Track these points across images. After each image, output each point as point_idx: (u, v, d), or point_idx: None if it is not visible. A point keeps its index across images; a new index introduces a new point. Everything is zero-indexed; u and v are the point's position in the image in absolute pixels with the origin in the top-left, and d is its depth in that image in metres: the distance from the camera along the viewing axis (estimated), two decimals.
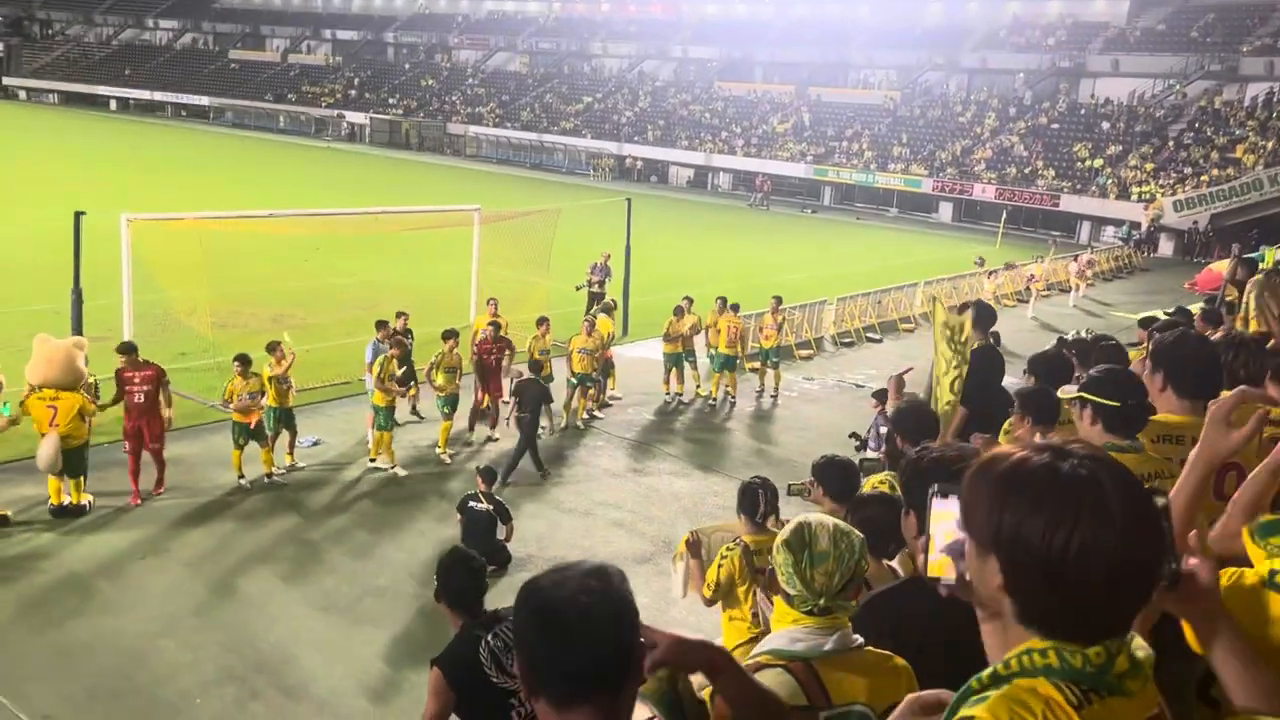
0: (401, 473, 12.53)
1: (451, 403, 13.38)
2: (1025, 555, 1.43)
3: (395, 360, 12.64)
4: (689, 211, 45.46)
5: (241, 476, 11.94)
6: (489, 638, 4.65)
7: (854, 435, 11.62)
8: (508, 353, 14.63)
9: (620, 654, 1.82)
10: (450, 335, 13.52)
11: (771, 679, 2.45)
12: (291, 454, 12.55)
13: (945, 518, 2.06)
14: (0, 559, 9.68)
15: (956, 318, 6.81)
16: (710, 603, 5.69)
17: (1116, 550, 1.39)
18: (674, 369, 16.79)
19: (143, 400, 11.17)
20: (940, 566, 2.07)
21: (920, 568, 2.14)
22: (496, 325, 14.66)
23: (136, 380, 11.18)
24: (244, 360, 11.99)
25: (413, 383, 13.66)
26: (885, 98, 58.38)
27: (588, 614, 1.77)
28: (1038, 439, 1.57)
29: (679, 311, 16.77)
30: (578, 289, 20.45)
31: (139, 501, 11.10)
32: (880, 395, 12.89)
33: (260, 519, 11.05)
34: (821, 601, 2.51)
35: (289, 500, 11.61)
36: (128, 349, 11.45)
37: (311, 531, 10.84)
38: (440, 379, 13.21)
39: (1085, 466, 1.44)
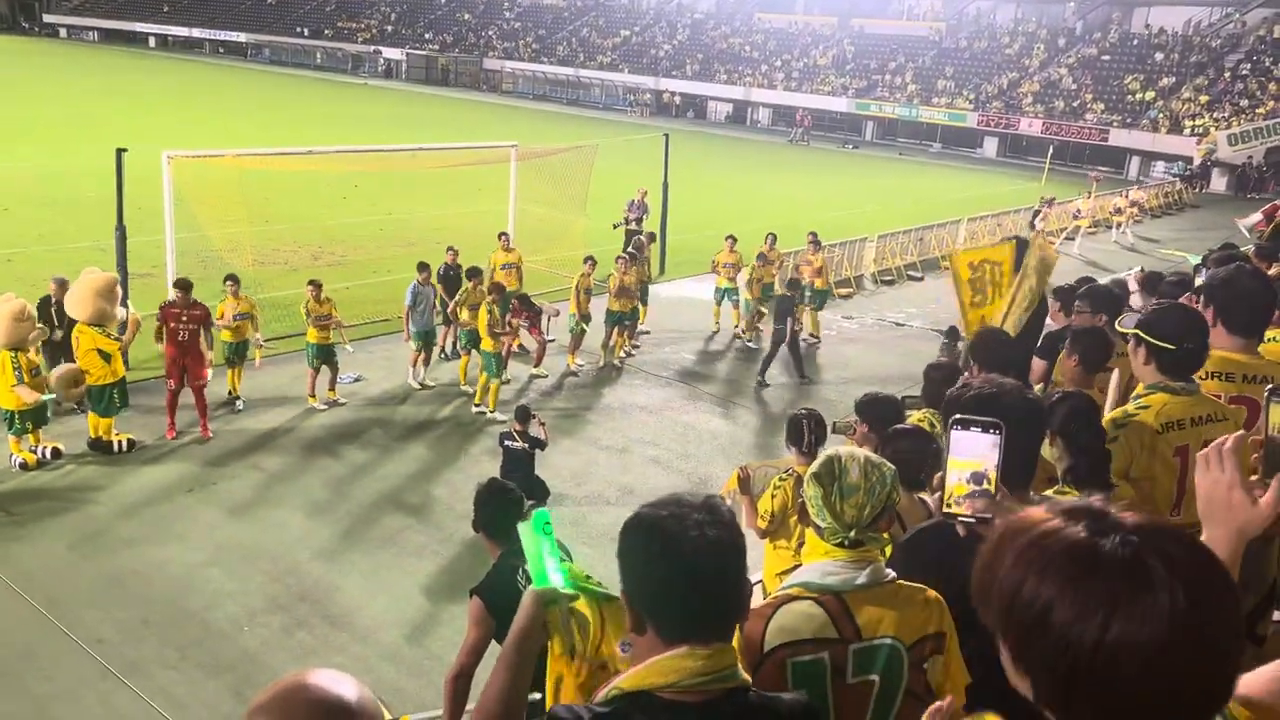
0: (501, 417, 12.59)
1: (472, 338, 13.46)
2: (1045, 650, 1.22)
3: (498, 306, 12.69)
4: (727, 147, 44.88)
5: (237, 397, 12.29)
6: (526, 569, 4.72)
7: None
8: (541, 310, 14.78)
9: (734, 590, 1.92)
10: (474, 273, 13.64)
11: (802, 611, 2.45)
12: (333, 390, 12.72)
13: (965, 450, 2.04)
14: (53, 490, 9.96)
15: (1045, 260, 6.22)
16: (764, 534, 5.76)
17: (1164, 648, 1.16)
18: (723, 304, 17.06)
19: (186, 338, 11.29)
20: (958, 502, 2.05)
21: (936, 504, 2.12)
22: (526, 298, 14.68)
23: (184, 318, 11.30)
24: (234, 280, 12.36)
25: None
26: (930, 29, 56.90)
27: (708, 552, 1.85)
28: (1063, 502, 1.33)
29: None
30: (615, 227, 20.34)
31: (174, 435, 11.27)
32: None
33: (303, 453, 11.23)
34: (852, 534, 2.49)
35: (332, 435, 11.78)
36: (185, 285, 11.51)
37: (354, 466, 11.01)
38: (465, 315, 13.34)
39: (1129, 545, 1.20)
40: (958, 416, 2.09)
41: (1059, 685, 1.22)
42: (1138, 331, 3.43)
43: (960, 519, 2.05)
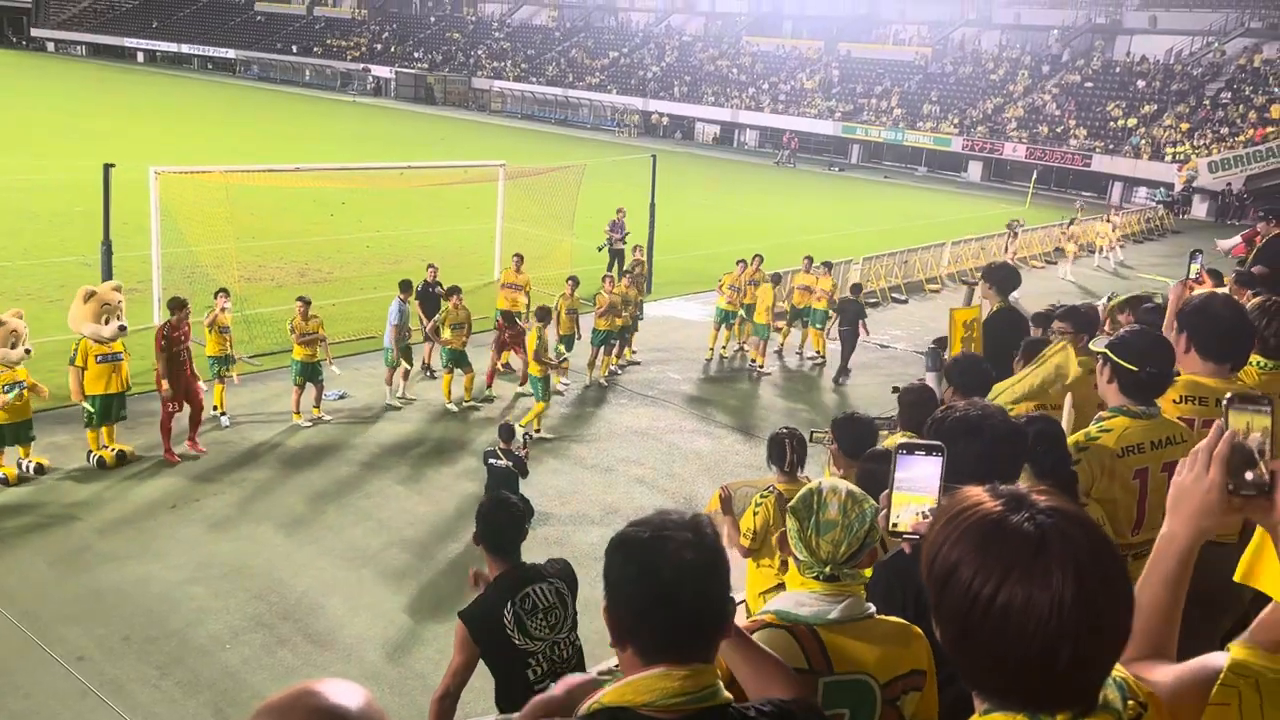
0: (549, 436, 12.65)
1: (455, 357, 13.47)
2: (951, 600, 1.40)
3: (544, 331, 12.76)
4: (714, 169, 45.11)
5: (222, 413, 12.25)
6: (517, 600, 4.62)
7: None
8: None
9: (713, 612, 1.93)
10: (453, 292, 13.64)
11: (772, 639, 2.44)
12: (318, 407, 12.69)
13: (910, 475, 2.09)
14: (35, 505, 9.90)
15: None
16: (748, 552, 5.76)
17: (1051, 618, 1.32)
18: (722, 325, 17.03)
19: (185, 357, 11.25)
20: (903, 522, 2.11)
21: (880, 521, 2.16)
22: (510, 315, 14.67)
23: (181, 337, 11.24)
24: (225, 293, 12.45)
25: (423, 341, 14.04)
26: (916, 54, 57.43)
27: (687, 575, 1.87)
28: (998, 485, 1.50)
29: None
30: (600, 249, 20.41)
31: (177, 459, 11.13)
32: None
33: (288, 471, 11.20)
34: (827, 569, 2.49)
35: (315, 452, 11.75)
36: (183, 304, 11.39)
37: (337, 483, 10.98)
38: (447, 333, 13.37)
39: (1035, 521, 1.37)
40: (902, 442, 2.13)
41: (957, 633, 1.41)
42: (1105, 351, 3.52)
43: (905, 537, 2.11)
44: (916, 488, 2.07)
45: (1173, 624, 1.81)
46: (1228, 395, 1.77)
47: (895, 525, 2.09)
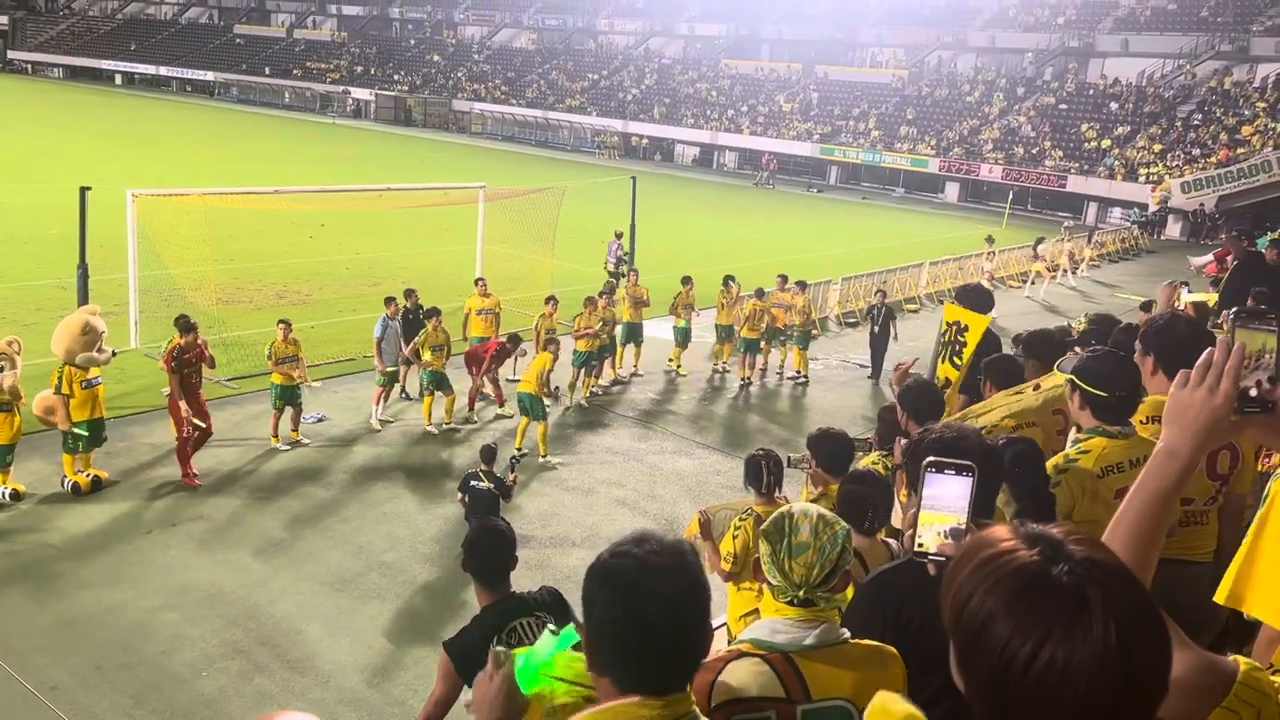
0: (555, 461, 12.57)
1: (436, 379, 13.43)
2: (982, 657, 1.30)
3: (553, 359, 12.80)
4: (694, 190, 45.30)
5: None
6: (503, 635, 4.39)
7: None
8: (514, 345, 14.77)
9: (693, 647, 1.92)
10: (433, 314, 13.58)
11: (748, 668, 2.44)
12: (296, 430, 12.61)
13: (938, 494, 2.05)
14: (8, 532, 9.76)
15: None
16: (729, 576, 5.72)
17: (1093, 680, 1.22)
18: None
19: (196, 380, 11.18)
20: (929, 542, 2.06)
21: (906, 542, 2.13)
22: (516, 337, 14.62)
23: (193, 360, 11.16)
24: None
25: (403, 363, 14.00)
26: (893, 76, 58.00)
27: (671, 614, 1.87)
28: (1029, 527, 1.39)
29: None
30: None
31: (199, 482, 11.09)
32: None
33: (266, 494, 11.11)
34: (800, 593, 2.49)
35: (293, 476, 11.66)
36: (191, 326, 11.26)
37: (316, 507, 10.89)
38: (427, 355, 13.33)
39: (1075, 575, 1.27)
40: (932, 459, 2.05)
41: (990, 693, 1.30)
42: (1072, 377, 3.54)
43: (930, 559, 2.07)
44: (944, 507, 2.01)
45: (1155, 553, 1.75)
46: (1233, 310, 1.76)
47: (921, 545, 2.04)
